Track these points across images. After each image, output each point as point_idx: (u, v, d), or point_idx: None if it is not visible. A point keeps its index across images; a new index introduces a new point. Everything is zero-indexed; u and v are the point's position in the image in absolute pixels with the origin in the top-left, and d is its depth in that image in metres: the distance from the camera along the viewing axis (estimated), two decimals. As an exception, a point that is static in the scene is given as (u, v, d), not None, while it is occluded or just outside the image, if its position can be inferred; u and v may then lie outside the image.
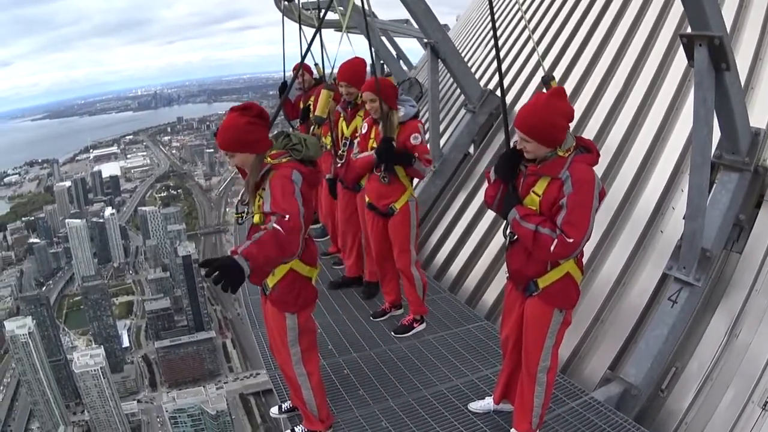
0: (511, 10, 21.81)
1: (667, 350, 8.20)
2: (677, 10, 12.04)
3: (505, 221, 6.69)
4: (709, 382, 7.87)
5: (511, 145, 6.67)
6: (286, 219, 6.06)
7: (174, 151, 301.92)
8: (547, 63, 15.19)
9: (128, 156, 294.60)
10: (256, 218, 6.69)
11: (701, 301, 8.44)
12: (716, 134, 8.15)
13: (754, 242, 8.42)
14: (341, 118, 11.35)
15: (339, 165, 11.22)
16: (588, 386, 8.63)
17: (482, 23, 25.37)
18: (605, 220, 10.33)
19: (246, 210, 6.98)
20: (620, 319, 9.35)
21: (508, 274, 7.03)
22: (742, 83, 8.93)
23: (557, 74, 14.39)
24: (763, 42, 10.11)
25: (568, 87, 13.64)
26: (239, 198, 7.14)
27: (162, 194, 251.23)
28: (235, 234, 15.58)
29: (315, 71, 14.06)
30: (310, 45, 9.33)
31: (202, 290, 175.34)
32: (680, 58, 10.82)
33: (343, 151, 11.12)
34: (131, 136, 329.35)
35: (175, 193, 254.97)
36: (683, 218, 8.30)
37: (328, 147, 11.76)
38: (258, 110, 6.66)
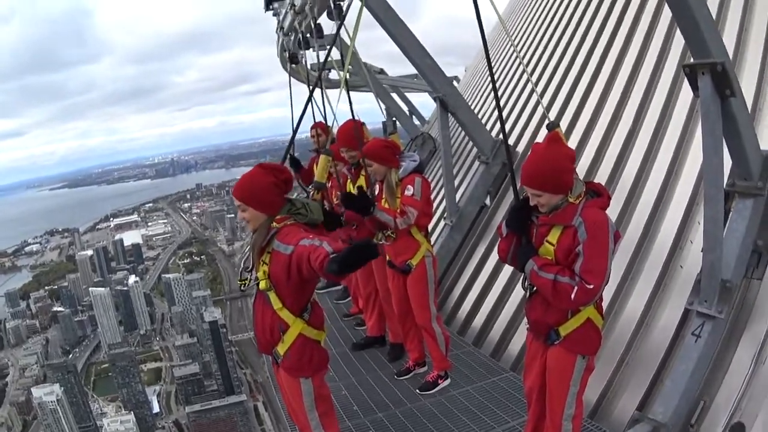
0: (516, 59, 21.79)
1: (694, 385, 8.03)
2: (679, 42, 12.00)
3: (522, 274, 6.60)
4: (738, 413, 7.69)
5: (521, 197, 6.60)
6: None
7: (195, 218, 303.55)
8: (555, 109, 15.21)
9: (149, 224, 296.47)
10: (263, 284, 6.63)
11: (725, 332, 8.28)
12: (727, 162, 8.05)
13: None
14: (348, 180, 11.41)
15: (354, 227, 11.04)
16: (617, 429, 8.51)
17: (483, 73, 25.27)
18: (624, 261, 10.19)
19: (249, 276, 6.85)
20: (645, 359, 9.19)
21: (528, 325, 6.96)
22: (749, 106, 8.87)
23: (565, 119, 14.40)
24: (767, 63, 10.07)
25: (577, 131, 13.71)
26: (242, 264, 7.05)
27: (185, 261, 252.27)
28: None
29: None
30: (306, 104, 9.29)
31: (231, 354, 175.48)
32: (686, 90, 10.62)
33: None
34: (151, 204, 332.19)
35: (198, 259, 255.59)
36: (701, 251, 8.16)
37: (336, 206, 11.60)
38: (287, 176, 6.74)
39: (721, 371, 8.15)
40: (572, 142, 13.27)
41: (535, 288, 6.55)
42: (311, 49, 15.44)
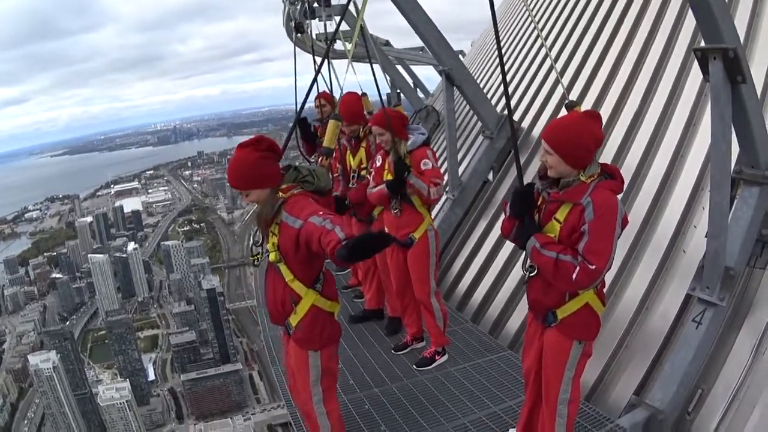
0: (524, 32, 21.81)
1: (693, 373, 8.02)
2: (689, 24, 12.00)
3: (524, 254, 6.55)
4: (736, 402, 7.69)
5: (525, 179, 6.58)
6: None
7: (195, 185, 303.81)
8: (562, 88, 14.98)
9: (149, 191, 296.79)
10: (272, 256, 6.58)
11: (726, 320, 8.26)
12: (734, 148, 7.99)
13: None
14: (348, 152, 11.41)
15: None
16: (613, 413, 8.45)
17: (488, 51, 25.25)
18: (626, 243, 10.14)
19: (260, 251, 6.82)
20: (644, 344, 9.16)
21: (528, 304, 6.90)
22: (759, 94, 8.77)
23: (572, 96, 14.26)
24: None
25: (584, 109, 13.36)
26: (252, 240, 7.03)
27: (185, 228, 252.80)
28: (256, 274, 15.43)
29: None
30: (315, 76, 9.21)
31: (228, 323, 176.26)
32: (695, 74, 10.79)
33: (353, 184, 11.23)
34: (152, 171, 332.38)
35: (197, 227, 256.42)
36: (705, 237, 8.11)
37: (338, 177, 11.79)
38: (268, 143, 6.57)
39: (720, 360, 8.14)
40: None
41: (535, 270, 6.46)
42: (317, 19, 15.38)
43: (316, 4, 15.21)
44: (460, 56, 24.76)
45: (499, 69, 21.29)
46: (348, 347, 10.73)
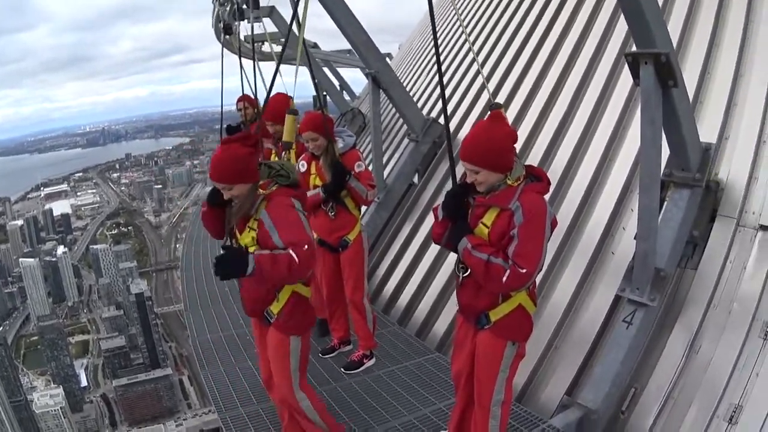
0: (452, 37, 21.71)
1: (625, 372, 8.02)
2: (621, 29, 12.05)
3: (457, 257, 6.43)
4: (671, 401, 7.75)
5: (458, 180, 6.47)
6: (305, 248, 6.14)
7: (123, 188, 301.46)
8: (490, 88, 15.08)
9: (78, 193, 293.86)
10: (253, 250, 6.47)
11: (657, 320, 8.30)
12: (665, 151, 7.97)
13: (708, 258, 8.34)
14: (273, 154, 11.16)
15: None
16: (545, 414, 8.39)
17: (424, 51, 25.26)
18: (554, 245, 10.16)
19: (232, 243, 6.85)
20: (574, 344, 9.17)
21: (458, 308, 6.79)
22: (691, 98, 8.88)
23: (500, 99, 14.28)
24: (711, 55, 10.12)
25: (512, 111, 13.63)
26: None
27: (113, 232, 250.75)
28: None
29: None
30: (245, 75, 8.98)
31: (156, 327, 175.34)
32: (625, 78, 10.80)
33: None
34: (81, 173, 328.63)
35: (125, 230, 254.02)
36: (634, 239, 8.14)
37: None
38: (254, 140, 6.67)
39: (653, 359, 8.18)
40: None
41: (467, 272, 6.34)
42: (246, 20, 15.30)
43: (245, 6, 15.09)
44: (387, 59, 24.74)
45: (425, 73, 21.45)
46: None
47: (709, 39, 10.27)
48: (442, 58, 19.95)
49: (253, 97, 13.09)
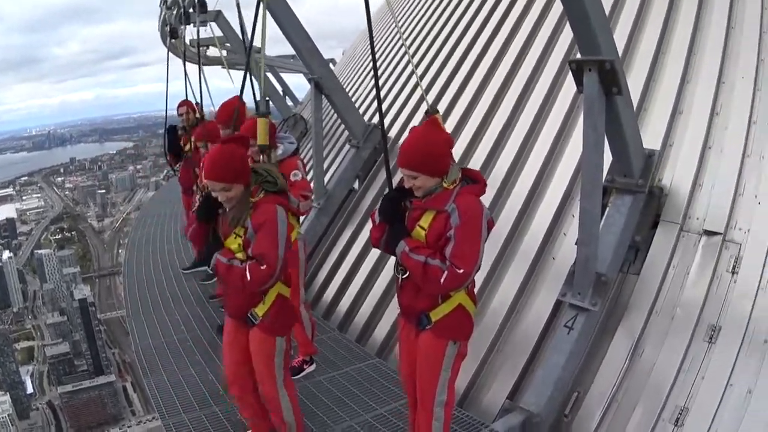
0: (395, 43, 21.75)
1: (567, 376, 8.04)
2: (566, 37, 12.12)
3: (396, 259, 6.43)
4: (614, 404, 7.80)
5: (394, 184, 6.53)
6: (262, 268, 6.31)
7: (67, 192, 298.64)
8: (433, 93, 15.17)
9: (24, 198, 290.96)
10: (241, 256, 6.63)
11: (600, 324, 8.36)
12: (608, 158, 8.10)
13: (651, 263, 8.42)
14: None
15: None
16: (487, 418, 8.36)
17: (367, 57, 25.14)
18: (495, 249, 10.21)
19: (216, 241, 6.89)
20: (516, 348, 9.17)
21: (400, 311, 6.77)
22: (636, 105, 9.02)
23: (443, 104, 14.41)
24: (656, 63, 10.24)
25: (454, 117, 13.71)
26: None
27: (57, 237, 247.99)
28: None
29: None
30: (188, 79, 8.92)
31: (100, 333, 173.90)
32: (568, 86, 10.85)
33: None
34: (26, 177, 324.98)
35: (69, 235, 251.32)
36: (575, 244, 8.18)
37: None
38: (248, 142, 7.08)
39: (596, 363, 8.23)
40: (448, 128, 12.96)
41: (407, 273, 6.35)
42: (192, 24, 15.22)
43: (192, 10, 14.99)
44: (331, 65, 24.70)
45: (367, 79, 21.41)
46: (219, 360, 10.28)
47: (656, 46, 10.40)
48: (386, 64, 20.05)
49: (196, 101, 13.04)
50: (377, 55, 22.31)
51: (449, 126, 13.33)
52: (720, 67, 9.43)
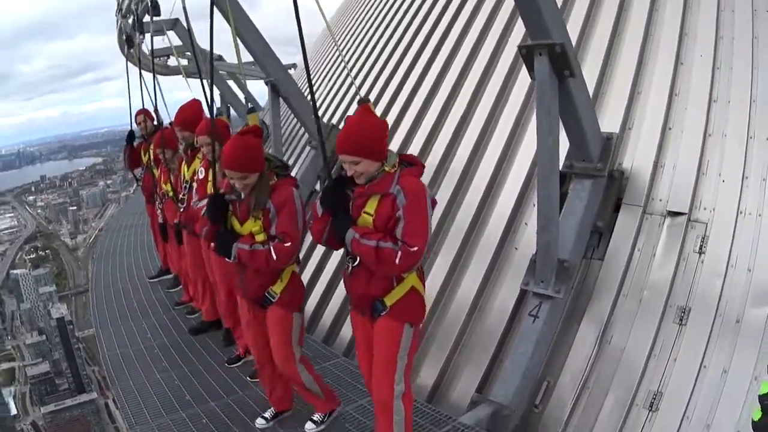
0: (354, 40, 21.58)
1: (535, 366, 7.95)
2: (520, 27, 11.83)
3: (345, 249, 6.40)
4: (585, 391, 7.75)
5: (333, 175, 6.55)
6: (287, 245, 6.79)
7: (39, 211, 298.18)
8: (392, 86, 15.34)
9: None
10: (261, 237, 6.97)
11: (566, 312, 8.29)
12: (566, 144, 8.11)
13: (615, 247, 8.38)
14: (183, 162, 10.94)
15: (181, 210, 10.83)
16: (456, 413, 8.13)
17: (325, 60, 25.18)
18: (455, 244, 10.25)
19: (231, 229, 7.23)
20: (482, 341, 9.07)
21: (351, 305, 6.69)
22: (592, 89, 9.10)
23: (401, 97, 14.57)
24: (612, 47, 10.28)
25: (413, 110, 13.75)
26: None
27: (31, 256, 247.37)
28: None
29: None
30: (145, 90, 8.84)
31: (79, 351, 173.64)
32: (524, 75, 10.64)
33: (184, 195, 10.74)
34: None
35: (43, 254, 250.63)
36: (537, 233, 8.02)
37: (170, 193, 11.48)
38: (261, 133, 7.21)
39: (564, 351, 8.17)
40: (405, 124, 13.53)
41: (357, 262, 6.31)
42: (147, 33, 15.19)
43: (147, 18, 14.93)
44: (293, 69, 24.62)
45: (326, 80, 21.40)
46: (183, 364, 10.47)
47: (611, 29, 10.43)
48: (341, 63, 20.08)
49: (152, 108, 13.09)
50: (339, 51, 22.42)
51: (406, 122, 13.50)
52: (677, 47, 9.42)
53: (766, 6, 8.93)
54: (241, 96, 29.67)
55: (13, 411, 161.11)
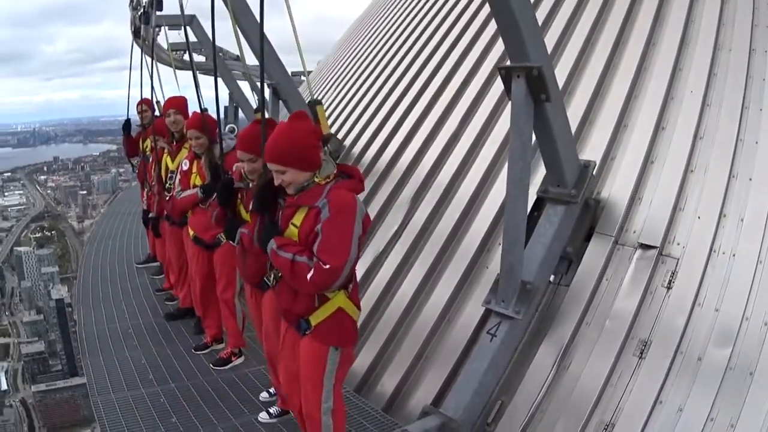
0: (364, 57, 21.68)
1: (489, 383, 7.87)
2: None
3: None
4: (538, 414, 7.64)
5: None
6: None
7: (49, 191, 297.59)
8: (389, 103, 15.40)
9: (6, 194, 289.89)
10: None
11: (528, 335, 8.23)
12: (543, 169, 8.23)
13: (583, 274, 8.30)
14: (165, 153, 11.21)
15: (167, 199, 10.93)
16: (410, 422, 8.10)
17: (334, 69, 25.33)
18: (432, 254, 10.27)
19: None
20: (443, 355, 9.08)
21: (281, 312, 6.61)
22: (581, 117, 9.30)
23: (399, 110, 14.70)
24: (606, 77, 10.32)
25: (406, 127, 13.85)
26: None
27: (37, 235, 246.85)
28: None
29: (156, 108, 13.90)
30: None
31: (75, 335, 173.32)
32: None
33: (170, 185, 10.80)
34: (9, 173, 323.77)
35: (49, 234, 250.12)
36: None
37: (153, 183, 11.80)
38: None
39: (521, 373, 8.08)
40: (398, 138, 13.63)
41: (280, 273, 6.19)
42: (152, 25, 15.32)
43: (150, 9, 15.11)
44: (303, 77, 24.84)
45: (333, 88, 21.52)
46: (153, 345, 10.86)
47: (606, 60, 10.47)
48: (352, 75, 20.13)
49: (161, 100, 13.50)
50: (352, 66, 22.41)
51: (400, 135, 13.63)
52: (669, 81, 9.44)
53: (765, 46, 8.96)
54: (250, 98, 29.90)
55: (4, 386, 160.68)
